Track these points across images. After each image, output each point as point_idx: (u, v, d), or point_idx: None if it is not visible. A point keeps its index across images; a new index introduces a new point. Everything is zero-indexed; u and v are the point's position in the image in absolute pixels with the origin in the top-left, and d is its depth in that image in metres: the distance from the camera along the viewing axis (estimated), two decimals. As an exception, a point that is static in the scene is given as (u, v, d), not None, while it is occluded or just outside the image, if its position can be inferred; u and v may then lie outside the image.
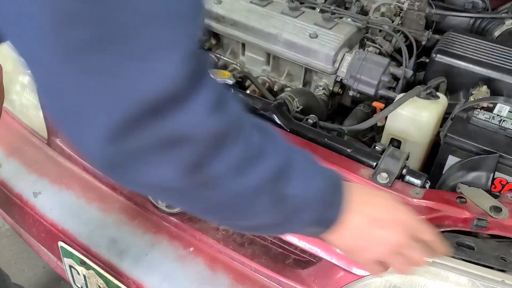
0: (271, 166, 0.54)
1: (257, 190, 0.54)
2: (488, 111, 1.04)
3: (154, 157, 0.46)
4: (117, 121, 0.42)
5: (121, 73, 0.42)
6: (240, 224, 0.62)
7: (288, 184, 0.57)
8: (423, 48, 1.51)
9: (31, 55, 0.43)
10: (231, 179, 0.51)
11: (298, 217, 0.60)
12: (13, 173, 1.24)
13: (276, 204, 0.57)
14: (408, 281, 0.80)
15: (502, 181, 0.95)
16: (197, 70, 0.45)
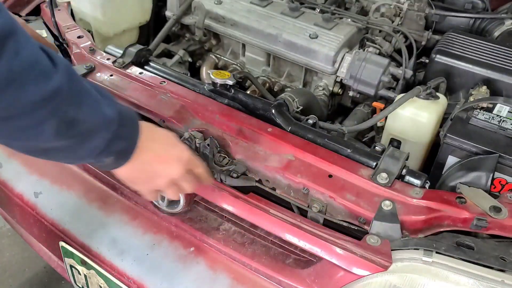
0: (51, 87, 0.58)
1: (36, 108, 0.57)
2: (488, 111, 1.04)
3: None
4: None
5: None
6: (28, 145, 0.63)
7: (75, 109, 0.62)
8: (423, 48, 1.51)
9: None
10: (5, 88, 0.53)
11: (85, 143, 0.66)
12: (14, 173, 1.24)
13: (62, 127, 0.61)
14: (408, 281, 0.80)
15: (501, 181, 0.95)
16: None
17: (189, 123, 1.10)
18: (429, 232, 0.87)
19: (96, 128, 0.66)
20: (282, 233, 0.90)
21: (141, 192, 0.85)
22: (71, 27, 1.41)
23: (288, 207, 0.98)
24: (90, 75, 1.27)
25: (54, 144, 0.63)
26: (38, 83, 0.57)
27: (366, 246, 0.84)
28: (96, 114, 0.66)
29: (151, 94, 1.18)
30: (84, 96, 0.64)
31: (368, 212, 0.89)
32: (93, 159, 0.70)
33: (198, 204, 1.08)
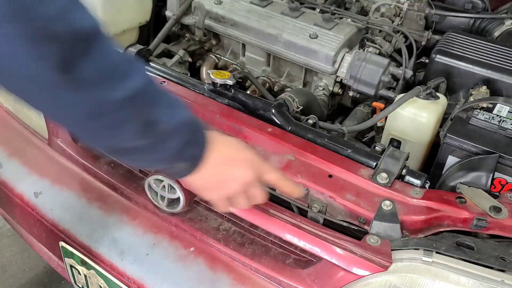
0: (133, 87, 0.59)
1: (121, 106, 0.59)
2: (488, 111, 1.04)
3: (26, 48, 0.50)
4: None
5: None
6: (109, 143, 0.64)
7: (152, 110, 0.63)
8: (423, 48, 1.51)
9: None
10: (95, 86, 0.55)
11: (163, 145, 0.66)
12: (14, 174, 1.24)
13: (141, 127, 0.62)
14: (408, 281, 0.80)
15: (501, 181, 0.95)
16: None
17: (189, 123, 1.10)
18: (429, 232, 0.87)
19: (172, 130, 0.66)
20: (282, 233, 0.90)
21: (213, 201, 0.81)
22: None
23: (288, 207, 0.98)
24: (90, 75, 1.27)
25: (134, 143, 0.63)
26: (122, 82, 0.58)
27: (366, 246, 0.84)
28: (172, 116, 0.66)
29: (151, 94, 1.18)
30: (161, 98, 0.65)
31: (368, 212, 0.89)
32: (168, 163, 0.70)
33: (198, 204, 1.08)
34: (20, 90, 0.56)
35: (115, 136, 0.62)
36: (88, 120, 0.59)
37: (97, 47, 0.55)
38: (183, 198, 1.00)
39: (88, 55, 0.54)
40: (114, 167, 1.19)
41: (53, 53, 0.51)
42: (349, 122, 1.32)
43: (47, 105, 0.58)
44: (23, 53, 0.50)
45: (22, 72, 0.52)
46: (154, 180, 1.02)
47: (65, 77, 0.53)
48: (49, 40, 0.50)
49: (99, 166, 1.19)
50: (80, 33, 0.53)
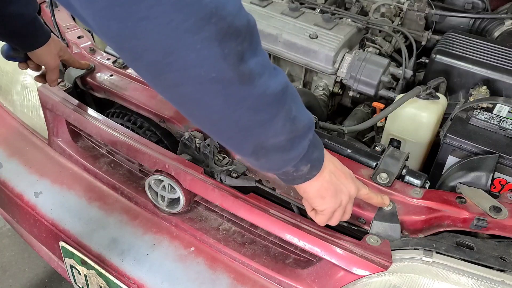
0: (282, 80, 0.61)
1: (278, 98, 0.60)
2: (488, 111, 1.04)
3: (213, 48, 0.51)
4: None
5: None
6: (259, 140, 0.64)
7: (294, 105, 0.64)
8: (423, 48, 1.51)
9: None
10: (260, 76, 0.57)
11: (300, 141, 0.67)
12: (14, 173, 1.24)
13: (289, 121, 0.63)
14: (408, 281, 0.80)
15: (501, 181, 0.95)
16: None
17: (189, 123, 1.10)
18: (429, 232, 0.87)
19: (306, 127, 0.67)
20: (282, 233, 0.90)
21: (323, 212, 0.79)
22: (71, 27, 1.42)
23: (288, 207, 0.98)
24: (90, 75, 1.27)
25: (277, 139, 0.64)
26: (275, 76, 0.60)
27: (366, 246, 0.84)
28: (305, 114, 0.68)
29: (151, 94, 1.18)
30: (295, 95, 0.66)
31: (368, 212, 0.89)
32: (297, 164, 0.69)
33: (198, 204, 1.08)
34: (199, 99, 0.56)
35: (265, 132, 0.63)
36: (250, 116, 0.60)
37: (258, 40, 0.57)
38: (183, 198, 1.00)
39: (254, 47, 0.56)
40: (114, 167, 1.19)
41: (235, 49, 0.53)
42: (349, 122, 1.33)
43: (218, 110, 0.58)
44: (216, 54, 0.51)
45: (210, 74, 0.53)
46: (154, 180, 1.02)
47: (241, 71, 0.55)
48: (234, 36, 0.52)
49: (99, 166, 1.19)
50: (250, 26, 0.55)
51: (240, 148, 0.66)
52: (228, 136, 0.64)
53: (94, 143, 1.25)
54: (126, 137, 1.09)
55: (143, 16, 0.47)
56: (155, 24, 0.48)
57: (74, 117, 1.16)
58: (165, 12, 0.47)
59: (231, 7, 0.51)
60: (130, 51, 0.52)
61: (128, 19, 0.48)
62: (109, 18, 0.48)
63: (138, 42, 0.49)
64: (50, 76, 1.15)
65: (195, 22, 0.49)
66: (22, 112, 1.35)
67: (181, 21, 0.48)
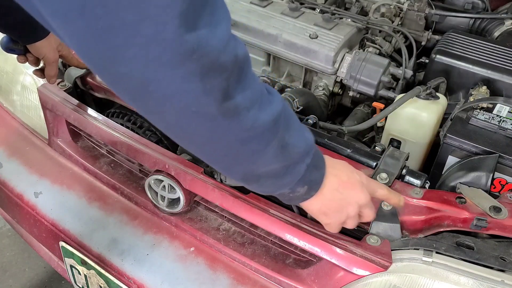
0: (275, 110, 0.60)
1: (268, 129, 0.59)
2: (488, 111, 1.04)
3: (193, 83, 0.50)
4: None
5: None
6: (250, 169, 0.64)
7: (288, 133, 0.63)
8: (423, 48, 1.51)
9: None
10: (247, 110, 0.56)
11: (294, 167, 0.66)
12: (14, 173, 1.24)
13: (280, 150, 0.62)
14: (408, 281, 0.80)
15: (501, 181, 0.95)
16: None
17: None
18: (429, 232, 0.87)
19: (301, 152, 0.66)
20: (282, 233, 0.90)
21: (330, 226, 0.79)
22: (71, 27, 1.41)
23: (288, 207, 0.98)
24: (90, 75, 1.27)
25: (269, 167, 0.63)
26: (268, 106, 0.59)
27: (366, 246, 0.84)
28: (302, 138, 0.66)
29: (151, 94, 1.18)
30: (293, 120, 0.65)
31: (368, 212, 0.89)
32: (292, 187, 0.69)
33: (198, 204, 1.08)
34: (181, 127, 0.56)
35: (256, 160, 0.62)
36: (238, 147, 0.59)
37: (248, 73, 0.56)
38: (183, 198, 1.00)
39: (242, 82, 0.54)
40: (114, 167, 1.19)
41: (219, 84, 0.51)
42: (349, 122, 1.32)
43: (202, 139, 0.58)
44: (197, 89, 0.50)
45: (190, 108, 0.52)
46: (154, 180, 1.02)
47: (225, 106, 0.53)
48: (218, 72, 0.51)
49: (99, 166, 1.19)
50: (239, 60, 0.53)
51: (229, 173, 0.66)
52: (216, 162, 0.64)
53: (94, 143, 1.25)
54: (126, 137, 1.09)
55: (122, 44, 0.46)
56: (134, 53, 0.47)
57: (74, 117, 1.16)
58: (144, 43, 0.46)
59: (216, 43, 0.50)
60: (109, 76, 0.51)
61: (106, 46, 0.46)
62: (87, 40, 0.47)
63: (117, 69, 0.49)
64: (48, 70, 1.15)
65: (174, 57, 0.48)
66: (22, 112, 1.35)
67: (159, 54, 0.47)
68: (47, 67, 1.14)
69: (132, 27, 0.45)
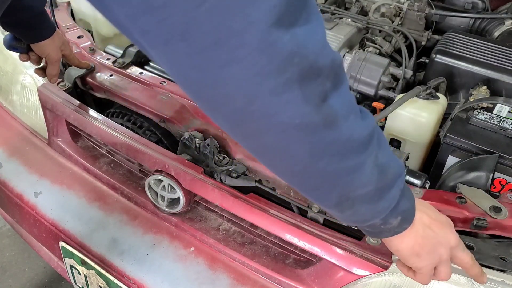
0: (370, 125, 0.56)
1: (364, 145, 0.55)
2: (488, 111, 1.04)
3: (294, 91, 0.46)
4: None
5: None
6: (344, 191, 0.59)
7: (381, 152, 0.58)
8: (423, 48, 1.51)
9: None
10: (346, 120, 0.52)
11: (389, 191, 0.60)
12: (14, 173, 1.24)
13: (375, 170, 0.57)
14: (408, 281, 0.80)
15: (501, 181, 0.95)
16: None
17: (189, 123, 1.10)
18: (429, 232, 0.87)
19: (395, 175, 0.61)
20: (282, 233, 0.90)
21: (422, 271, 0.70)
22: (71, 27, 1.42)
23: (288, 207, 0.98)
24: (90, 75, 1.27)
25: (363, 190, 0.58)
26: (360, 121, 0.54)
27: (366, 246, 0.84)
28: (393, 159, 0.61)
29: (151, 94, 1.18)
30: (384, 139, 0.61)
31: (368, 212, 0.89)
32: (385, 217, 0.62)
33: (198, 204, 1.08)
34: (283, 146, 0.51)
35: (352, 181, 0.57)
36: (335, 164, 0.54)
37: (344, 80, 0.52)
38: (183, 198, 1.00)
39: (338, 88, 0.51)
40: (114, 167, 1.19)
41: (317, 89, 0.48)
42: (349, 122, 1.32)
43: (301, 158, 0.53)
44: (297, 97, 0.47)
45: (294, 121, 0.48)
46: (154, 180, 1.02)
47: (324, 112, 0.49)
48: (315, 76, 0.47)
49: (99, 166, 1.19)
50: (335, 65, 0.50)
51: (324, 200, 0.61)
52: (312, 187, 0.59)
53: (94, 143, 1.25)
54: (126, 137, 1.08)
55: (225, 62, 0.43)
56: (238, 69, 0.43)
57: (74, 117, 1.16)
58: (250, 54, 0.43)
59: (313, 45, 0.46)
60: (209, 101, 0.48)
61: (208, 67, 0.44)
62: (187, 67, 0.44)
63: (219, 91, 0.45)
64: (50, 70, 1.14)
65: (279, 64, 0.44)
66: (22, 112, 1.35)
67: (265, 63, 0.44)
68: (49, 66, 1.14)
69: (238, 37, 0.42)
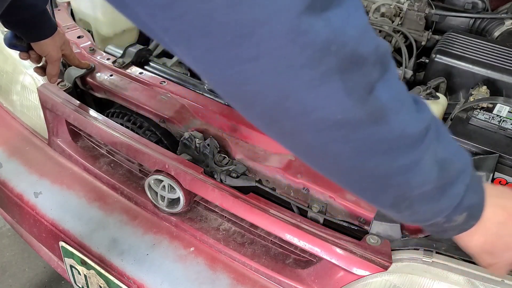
0: (428, 117, 0.51)
1: (420, 139, 0.50)
2: (488, 111, 1.04)
3: (333, 83, 0.42)
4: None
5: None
6: (401, 191, 0.54)
7: (441, 146, 0.53)
8: (423, 48, 1.51)
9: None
10: (397, 114, 0.47)
11: (452, 188, 0.55)
12: (14, 173, 1.24)
13: (434, 166, 0.52)
14: (408, 281, 0.80)
15: (502, 181, 0.95)
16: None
17: (189, 123, 1.10)
18: (429, 232, 0.87)
19: (458, 169, 0.56)
20: (282, 233, 0.90)
21: (496, 266, 0.66)
22: (71, 27, 1.41)
23: (288, 207, 0.98)
24: (90, 75, 1.27)
25: (423, 189, 0.54)
26: (416, 112, 0.50)
27: (366, 246, 0.84)
28: (457, 153, 0.56)
29: (151, 94, 1.18)
30: (445, 132, 0.55)
31: (368, 212, 0.89)
32: (448, 214, 0.58)
33: (198, 204, 1.08)
34: (324, 144, 0.47)
35: (409, 180, 0.52)
36: (385, 163, 0.50)
37: (392, 69, 0.47)
38: (183, 198, 1.00)
39: (386, 79, 0.46)
40: (114, 167, 1.19)
41: (361, 79, 0.43)
42: (349, 122, 1.32)
43: (346, 157, 0.49)
44: (339, 89, 0.42)
45: (336, 116, 0.44)
46: (154, 180, 1.02)
47: (371, 106, 0.45)
48: (358, 65, 0.43)
49: (99, 166, 1.19)
50: (381, 53, 0.45)
51: (377, 200, 0.57)
52: (362, 188, 0.55)
53: (94, 143, 1.25)
54: (126, 137, 1.08)
55: (253, 56, 0.40)
56: (267, 63, 0.40)
57: (74, 117, 1.16)
58: (279, 46, 0.39)
59: (353, 31, 0.42)
60: (239, 99, 0.45)
61: (235, 62, 0.40)
62: (210, 64, 0.41)
63: (248, 88, 0.42)
64: (50, 69, 1.14)
65: (313, 54, 0.40)
66: (22, 112, 1.35)
67: (297, 54, 0.40)
68: (49, 66, 1.14)
69: (264, 28, 0.38)
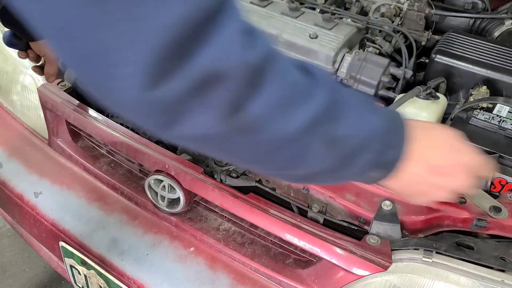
0: (315, 106, 0.50)
1: (303, 133, 0.50)
2: (488, 111, 1.04)
3: (189, 104, 0.42)
4: (147, 57, 0.38)
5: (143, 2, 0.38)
6: (293, 174, 0.56)
7: (338, 124, 0.53)
8: (423, 48, 1.51)
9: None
10: (272, 122, 0.47)
11: (354, 160, 0.56)
12: (14, 173, 1.24)
13: (328, 147, 0.53)
14: (408, 281, 0.80)
15: (501, 181, 0.95)
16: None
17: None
18: (429, 232, 0.87)
19: (363, 141, 0.56)
20: (282, 233, 0.90)
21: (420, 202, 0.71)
22: (71, 27, 1.41)
23: (288, 207, 0.98)
24: (90, 75, 1.27)
25: (320, 167, 0.55)
26: (301, 106, 0.49)
27: (366, 246, 0.84)
28: (361, 126, 0.56)
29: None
30: (345, 108, 0.54)
31: (368, 212, 0.89)
32: (359, 176, 0.60)
33: (198, 204, 1.08)
34: (202, 151, 0.52)
35: (299, 165, 0.54)
36: (269, 157, 0.52)
37: (271, 74, 0.46)
38: (183, 198, 1.00)
39: (259, 90, 0.45)
40: (114, 167, 1.19)
41: (219, 99, 0.43)
42: (349, 122, 1.32)
43: (236, 157, 0.53)
44: (197, 109, 0.43)
45: (197, 133, 0.45)
46: (154, 180, 1.02)
47: (234, 125, 0.45)
48: (214, 82, 0.42)
49: (99, 166, 1.19)
50: (250, 65, 0.43)
51: (287, 180, 0.61)
52: (269, 174, 0.59)
53: (94, 143, 1.25)
54: (126, 137, 1.09)
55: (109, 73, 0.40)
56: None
57: (74, 117, 1.16)
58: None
59: (214, 48, 0.41)
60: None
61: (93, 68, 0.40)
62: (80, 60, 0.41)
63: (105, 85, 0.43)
64: (48, 69, 1.14)
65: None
66: (22, 112, 1.35)
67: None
68: (47, 65, 1.14)
69: (115, 53, 0.38)
